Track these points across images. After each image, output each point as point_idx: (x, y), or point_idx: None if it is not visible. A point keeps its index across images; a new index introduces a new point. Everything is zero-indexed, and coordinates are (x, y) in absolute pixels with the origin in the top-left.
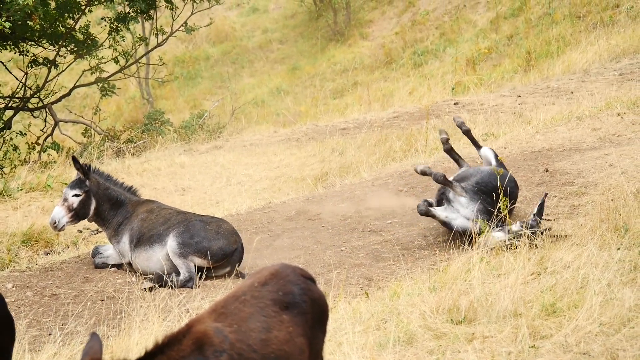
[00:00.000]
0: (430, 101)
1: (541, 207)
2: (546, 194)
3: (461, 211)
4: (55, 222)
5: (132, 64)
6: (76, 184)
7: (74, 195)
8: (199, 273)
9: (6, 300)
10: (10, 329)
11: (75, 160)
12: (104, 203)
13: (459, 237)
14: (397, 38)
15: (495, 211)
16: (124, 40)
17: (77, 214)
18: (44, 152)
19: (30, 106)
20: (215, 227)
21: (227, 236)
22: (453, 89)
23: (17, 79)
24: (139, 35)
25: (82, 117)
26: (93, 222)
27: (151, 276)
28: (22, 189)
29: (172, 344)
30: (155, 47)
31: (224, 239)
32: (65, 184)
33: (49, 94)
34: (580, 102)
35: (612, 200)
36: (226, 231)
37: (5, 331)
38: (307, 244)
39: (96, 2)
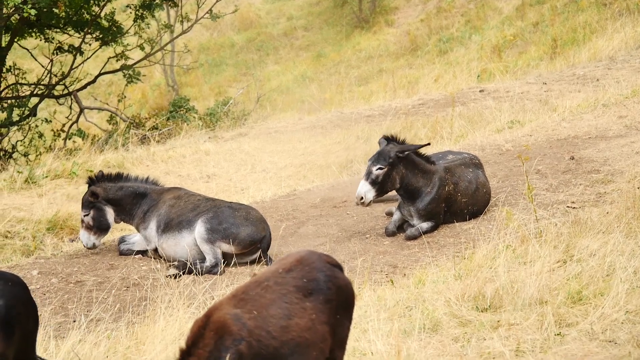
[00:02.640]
0: (455, 88)
1: None
2: None
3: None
4: (86, 244)
5: (157, 51)
6: (83, 205)
7: (84, 216)
8: (225, 260)
9: (31, 287)
10: (34, 315)
11: (88, 185)
12: (122, 202)
13: (486, 224)
14: (423, 25)
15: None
16: (149, 27)
17: (99, 228)
18: (69, 139)
19: (56, 93)
20: (244, 213)
21: (256, 223)
22: (478, 76)
23: (42, 66)
24: (164, 22)
25: (107, 104)
26: (121, 222)
27: (176, 263)
28: (47, 176)
29: (197, 341)
30: (180, 35)
31: (252, 226)
32: (91, 171)
33: (74, 81)
34: (606, 90)
35: (638, 188)
36: (255, 218)
37: (30, 317)
38: (332, 232)
39: None
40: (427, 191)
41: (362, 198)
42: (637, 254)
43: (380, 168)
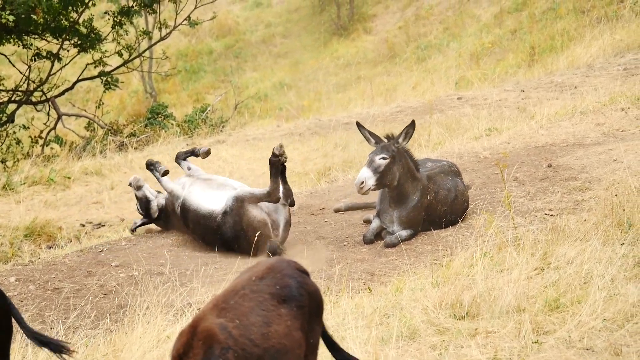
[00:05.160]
0: (433, 96)
1: None
2: None
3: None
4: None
5: (135, 57)
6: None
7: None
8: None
9: (8, 294)
10: (8, 325)
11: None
12: None
13: (464, 231)
14: (401, 32)
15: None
16: (127, 34)
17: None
18: (47, 145)
19: (34, 100)
20: None
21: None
22: (456, 83)
23: (20, 72)
24: (143, 29)
25: (85, 110)
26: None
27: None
28: (25, 183)
29: (187, 351)
30: (158, 41)
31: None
32: (68, 177)
33: (52, 87)
34: (584, 97)
35: (616, 195)
36: None
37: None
38: (309, 239)
39: None
40: (412, 198)
41: (362, 183)
42: (615, 262)
43: (383, 157)
